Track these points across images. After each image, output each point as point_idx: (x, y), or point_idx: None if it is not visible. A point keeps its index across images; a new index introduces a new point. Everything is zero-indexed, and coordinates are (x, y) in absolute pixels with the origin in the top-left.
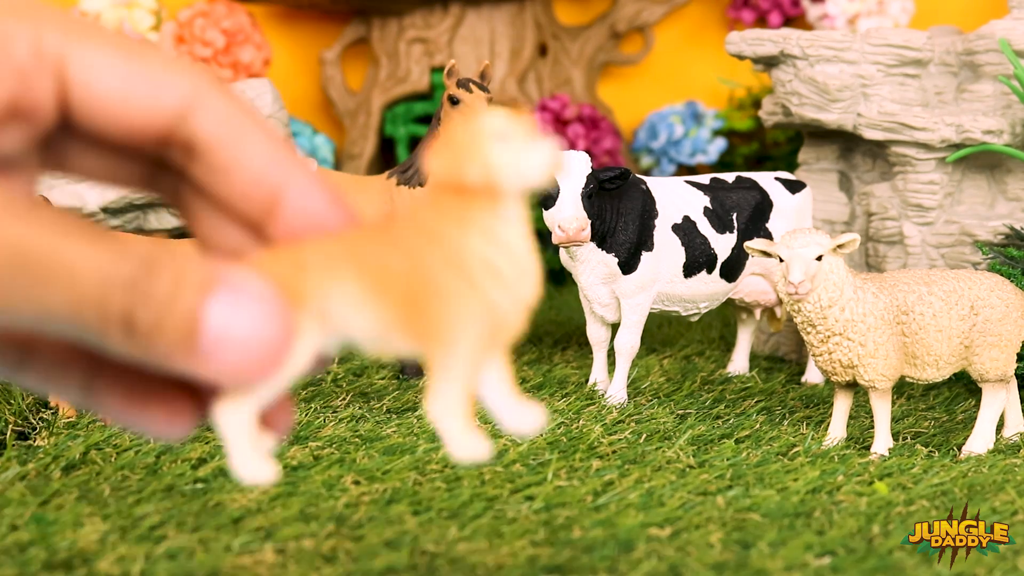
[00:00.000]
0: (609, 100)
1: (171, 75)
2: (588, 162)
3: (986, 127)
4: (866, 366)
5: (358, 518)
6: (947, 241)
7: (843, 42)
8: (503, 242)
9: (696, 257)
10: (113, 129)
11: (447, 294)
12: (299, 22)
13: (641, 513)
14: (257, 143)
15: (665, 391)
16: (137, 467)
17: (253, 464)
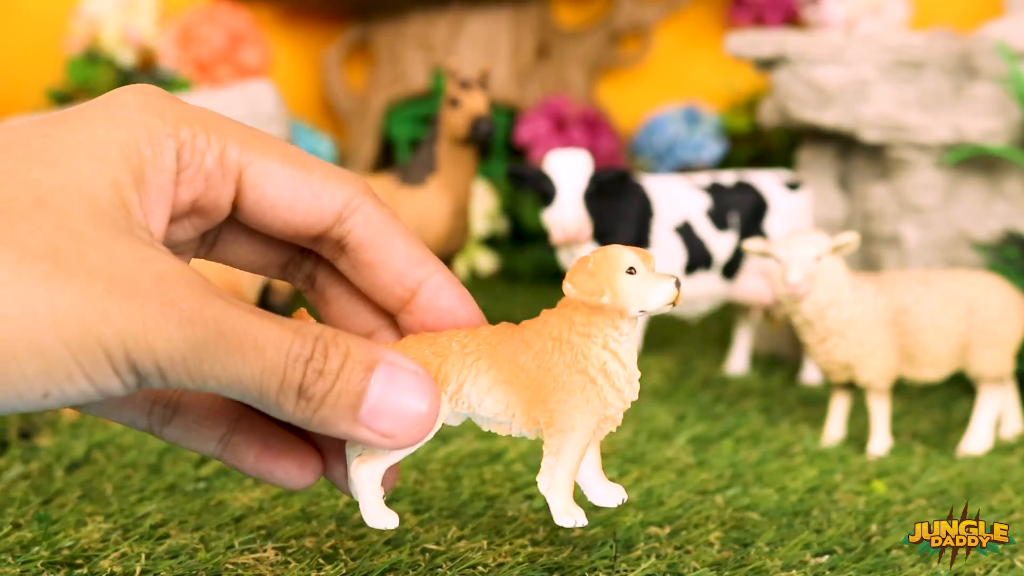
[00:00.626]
0: (608, 101)
1: (332, 185)
2: (588, 162)
3: (983, 128)
4: (864, 366)
5: (359, 517)
6: (944, 242)
7: (841, 44)
8: (618, 353)
9: (695, 257)
10: (278, 228)
11: (570, 390)
12: (300, 23)
13: (640, 512)
14: (400, 246)
15: (664, 391)
16: (139, 466)
17: (382, 514)
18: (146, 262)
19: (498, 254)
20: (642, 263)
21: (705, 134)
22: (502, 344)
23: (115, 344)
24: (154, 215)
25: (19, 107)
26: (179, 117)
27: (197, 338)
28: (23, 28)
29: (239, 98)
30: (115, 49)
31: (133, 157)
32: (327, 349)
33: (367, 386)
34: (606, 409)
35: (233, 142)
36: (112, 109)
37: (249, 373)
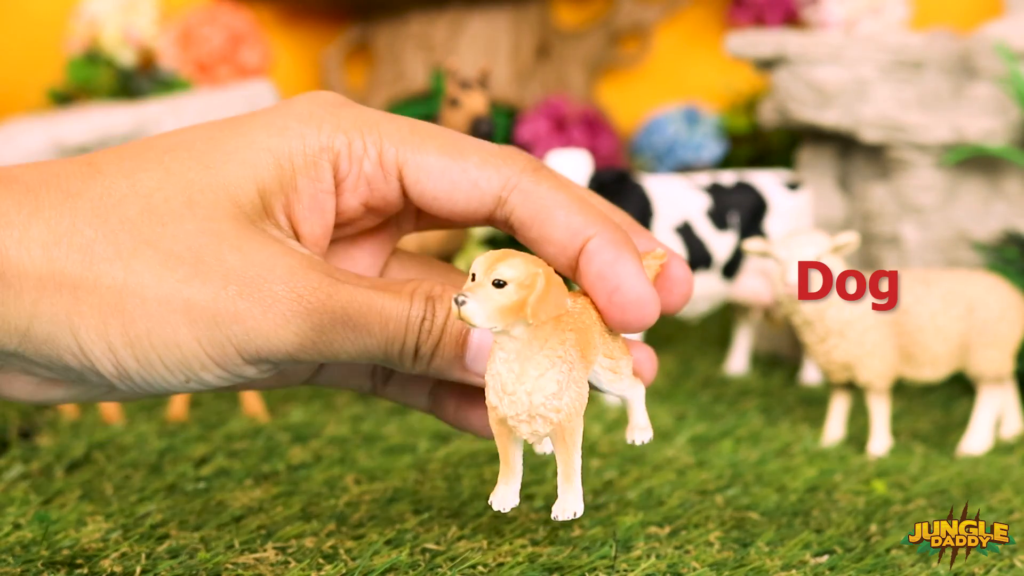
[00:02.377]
0: (608, 101)
1: (488, 171)
2: (588, 161)
3: (983, 129)
4: (863, 366)
5: (359, 517)
6: (944, 242)
7: (841, 44)
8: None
9: (695, 257)
10: (446, 215)
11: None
12: (300, 23)
13: (640, 512)
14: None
15: (664, 391)
16: (140, 466)
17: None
18: (277, 258)
19: None
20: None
21: (705, 134)
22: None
23: (245, 341)
24: (307, 222)
25: (19, 107)
26: (336, 127)
27: (325, 325)
28: (23, 28)
29: (239, 98)
30: (115, 49)
31: (285, 165)
32: (435, 306)
33: (468, 335)
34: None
35: (390, 142)
36: (277, 117)
37: (376, 344)
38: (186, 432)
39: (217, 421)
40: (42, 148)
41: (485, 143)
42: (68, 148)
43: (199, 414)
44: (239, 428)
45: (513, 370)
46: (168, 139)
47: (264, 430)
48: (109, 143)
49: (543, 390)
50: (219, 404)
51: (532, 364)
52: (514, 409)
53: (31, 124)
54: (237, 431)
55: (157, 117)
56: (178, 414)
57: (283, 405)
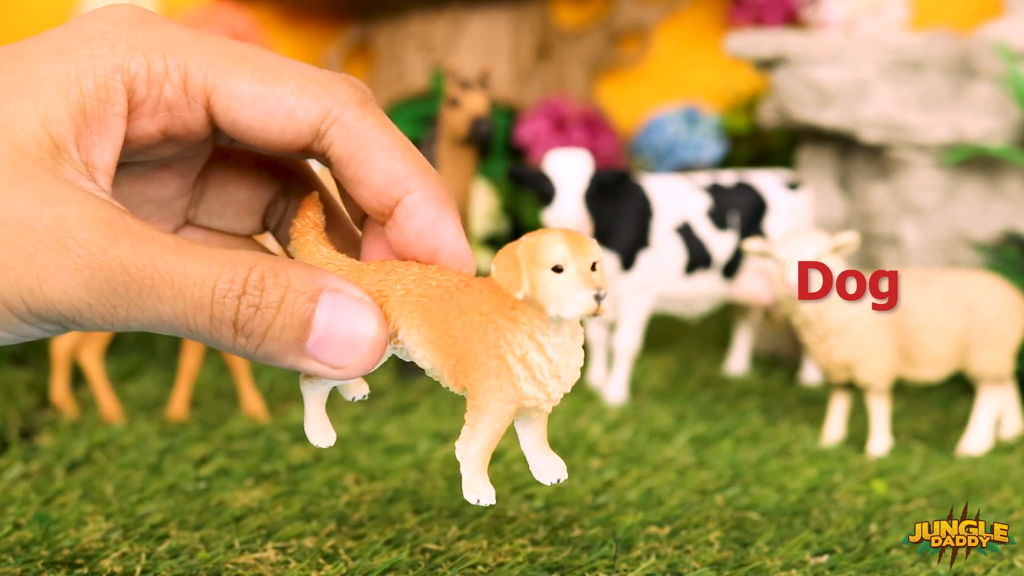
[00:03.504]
0: (608, 101)
1: (306, 100)
2: (588, 162)
3: (983, 129)
4: (863, 366)
5: (359, 517)
6: (944, 242)
7: (841, 44)
8: (543, 346)
9: (695, 257)
10: (260, 146)
11: (485, 373)
12: (300, 23)
13: (640, 512)
14: (380, 160)
15: (664, 391)
16: (140, 466)
17: (320, 432)
18: (48, 206)
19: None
20: (573, 260)
21: (705, 134)
22: (438, 303)
23: (12, 296)
24: (97, 148)
25: None
26: (134, 46)
27: (99, 284)
28: (23, 28)
29: None
30: None
31: (72, 91)
32: (263, 280)
33: (312, 316)
34: (524, 400)
35: (197, 66)
36: (63, 41)
37: (170, 312)
38: (186, 432)
39: (217, 421)
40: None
41: (306, 66)
42: None
43: (199, 414)
44: (239, 428)
45: (567, 351)
46: None
47: (264, 430)
48: None
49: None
50: (219, 404)
51: (578, 335)
52: (560, 391)
53: None
54: (237, 431)
55: None
56: (178, 414)
57: (283, 405)
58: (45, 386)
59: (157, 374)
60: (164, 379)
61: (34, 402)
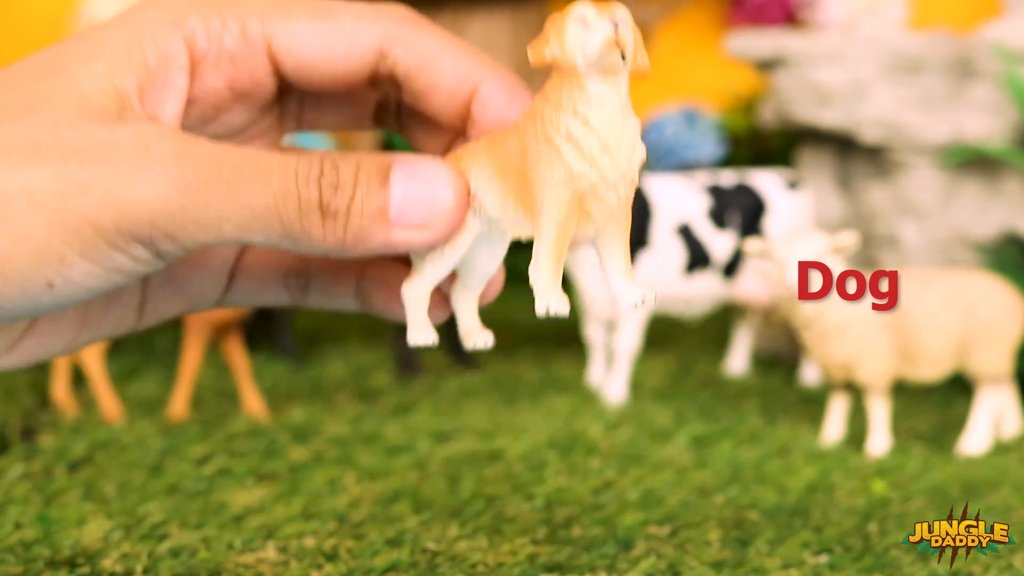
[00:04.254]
0: None
1: (364, 26)
2: None
3: (982, 129)
4: (862, 366)
5: (359, 516)
6: (943, 242)
7: (840, 45)
8: (588, 118)
9: (695, 257)
10: (327, 83)
11: (536, 165)
12: None
13: (640, 511)
14: (447, 64)
15: (664, 391)
16: (140, 466)
17: (423, 331)
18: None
19: None
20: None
21: (705, 135)
22: (500, 134)
23: (99, 215)
24: (160, 102)
25: None
26: (188, 5)
27: (188, 181)
28: (23, 29)
29: None
30: None
31: (134, 52)
32: (336, 163)
33: (388, 181)
34: (577, 182)
35: (253, 15)
36: (127, 13)
37: (262, 202)
38: (186, 432)
39: (217, 421)
40: None
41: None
42: None
43: (199, 414)
44: (239, 428)
45: (616, 123)
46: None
47: (264, 430)
48: None
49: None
50: (219, 404)
51: (631, 117)
52: (615, 170)
53: None
54: (237, 431)
55: None
56: (178, 414)
57: (284, 405)
58: (45, 386)
59: (157, 374)
60: (164, 379)
61: (35, 402)
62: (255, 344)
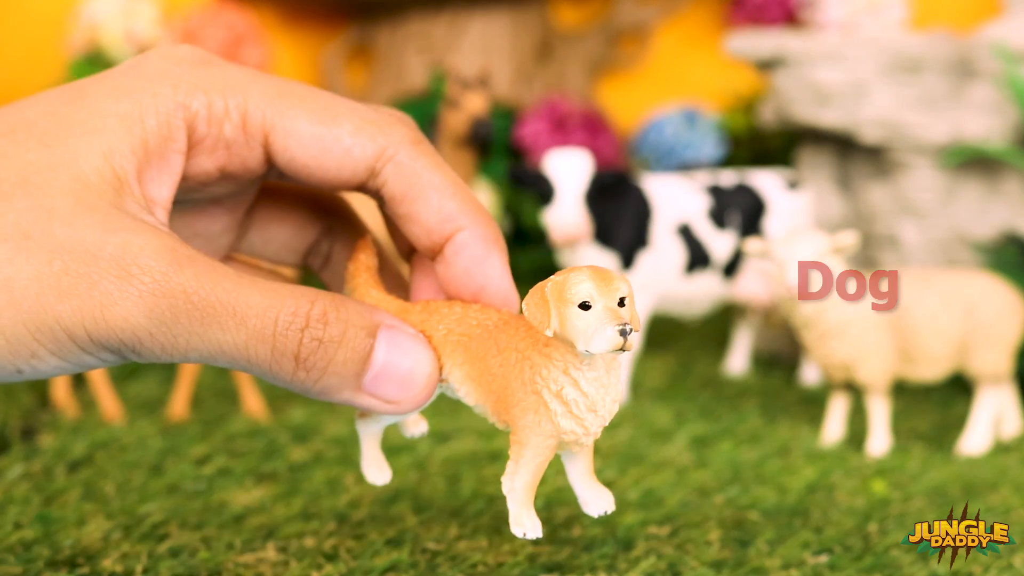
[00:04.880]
0: (608, 102)
1: (362, 139)
2: (588, 162)
3: (982, 129)
4: (862, 366)
5: (360, 516)
6: (943, 242)
7: (840, 45)
8: (578, 381)
9: (695, 257)
10: (315, 183)
11: (523, 409)
12: (300, 23)
13: (640, 511)
14: (433, 199)
15: (664, 391)
16: (140, 466)
17: (375, 470)
18: (113, 235)
19: None
20: (600, 297)
21: (705, 135)
22: (478, 341)
23: (74, 323)
24: (156, 183)
25: None
26: (195, 85)
27: (162, 312)
28: (23, 29)
29: None
30: (116, 50)
31: (135, 127)
32: (326, 314)
33: (372, 352)
34: (562, 435)
35: (256, 105)
36: (127, 79)
37: (231, 342)
38: (186, 432)
39: (217, 421)
40: None
41: (361, 106)
42: None
43: (199, 414)
44: (239, 428)
45: (603, 385)
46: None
47: (264, 430)
48: None
49: (618, 394)
50: (219, 404)
51: (615, 369)
52: (598, 424)
53: None
54: (237, 431)
55: None
56: (178, 414)
57: (283, 405)
58: (45, 386)
59: (157, 374)
60: (164, 379)
61: (34, 402)
62: None
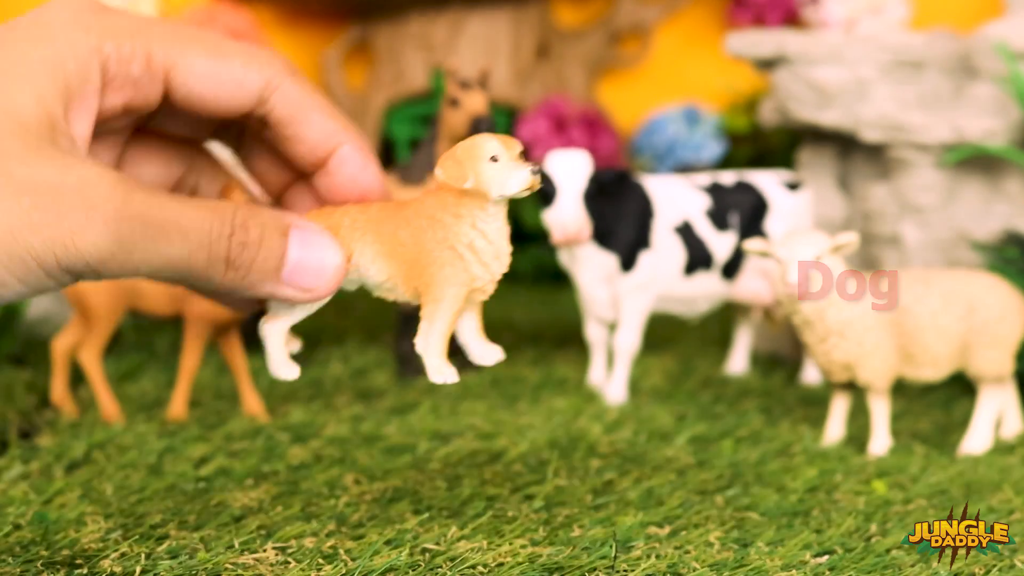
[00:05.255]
0: (608, 101)
1: (252, 70)
2: (588, 162)
3: (983, 128)
4: (864, 366)
5: (359, 517)
6: (944, 242)
7: (841, 44)
8: (485, 232)
9: (695, 257)
10: (207, 112)
11: (440, 264)
12: (300, 23)
13: (640, 512)
14: (317, 120)
15: (665, 391)
16: (139, 466)
17: (284, 366)
18: (69, 170)
19: None
20: (505, 151)
21: (705, 134)
22: (386, 220)
23: (45, 252)
24: (78, 122)
25: None
26: (104, 30)
27: (123, 234)
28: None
29: None
30: None
31: (58, 73)
32: (246, 222)
33: (286, 248)
34: (474, 282)
35: (158, 46)
36: (40, 28)
37: (178, 255)
38: (186, 432)
39: (217, 421)
40: None
41: (245, 44)
42: None
43: (199, 414)
44: (239, 428)
45: (503, 234)
46: None
47: (264, 430)
48: None
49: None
50: (219, 404)
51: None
52: (500, 269)
53: None
54: (237, 431)
55: None
56: (178, 414)
57: (283, 405)
58: (45, 386)
59: (157, 374)
60: (164, 379)
61: (34, 402)
62: (254, 344)
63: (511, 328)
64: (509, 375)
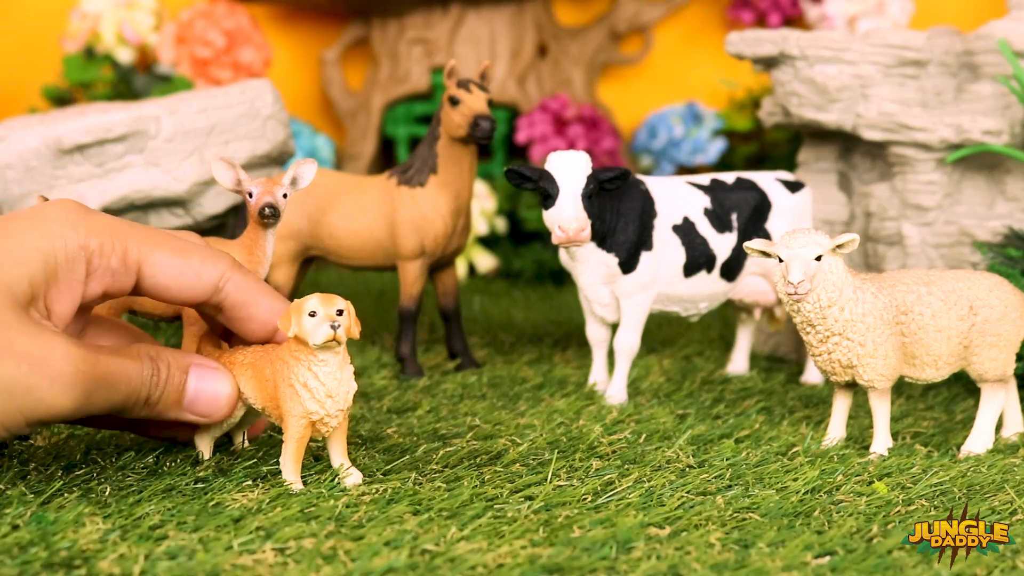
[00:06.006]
0: (609, 100)
1: (208, 266)
2: (588, 162)
3: (985, 127)
4: (865, 366)
5: (358, 518)
6: (946, 241)
7: (842, 43)
8: (317, 374)
9: (696, 257)
10: (171, 299)
11: (284, 397)
12: (299, 22)
13: (641, 513)
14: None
15: (665, 391)
16: (137, 467)
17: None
18: (54, 341)
19: (497, 254)
20: (323, 307)
21: (705, 134)
22: (261, 359)
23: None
24: (60, 302)
25: (16, 106)
26: (90, 229)
27: (91, 389)
28: (20, 26)
29: (238, 97)
30: (113, 48)
31: (50, 262)
32: (158, 366)
33: (185, 384)
34: (310, 415)
35: (133, 244)
36: (39, 221)
37: (121, 398)
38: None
39: None
40: (38, 149)
41: (200, 243)
42: (65, 149)
43: None
44: None
45: (337, 378)
46: None
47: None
48: (106, 144)
49: (352, 387)
50: None
51: (347, 370)
52: (336, 407)
53: (27, 123)
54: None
55: (155, 117)
56: None
57: None
58: None
59: None
60: None
61: None
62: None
63: (511, 328)
64: (509, 375)
